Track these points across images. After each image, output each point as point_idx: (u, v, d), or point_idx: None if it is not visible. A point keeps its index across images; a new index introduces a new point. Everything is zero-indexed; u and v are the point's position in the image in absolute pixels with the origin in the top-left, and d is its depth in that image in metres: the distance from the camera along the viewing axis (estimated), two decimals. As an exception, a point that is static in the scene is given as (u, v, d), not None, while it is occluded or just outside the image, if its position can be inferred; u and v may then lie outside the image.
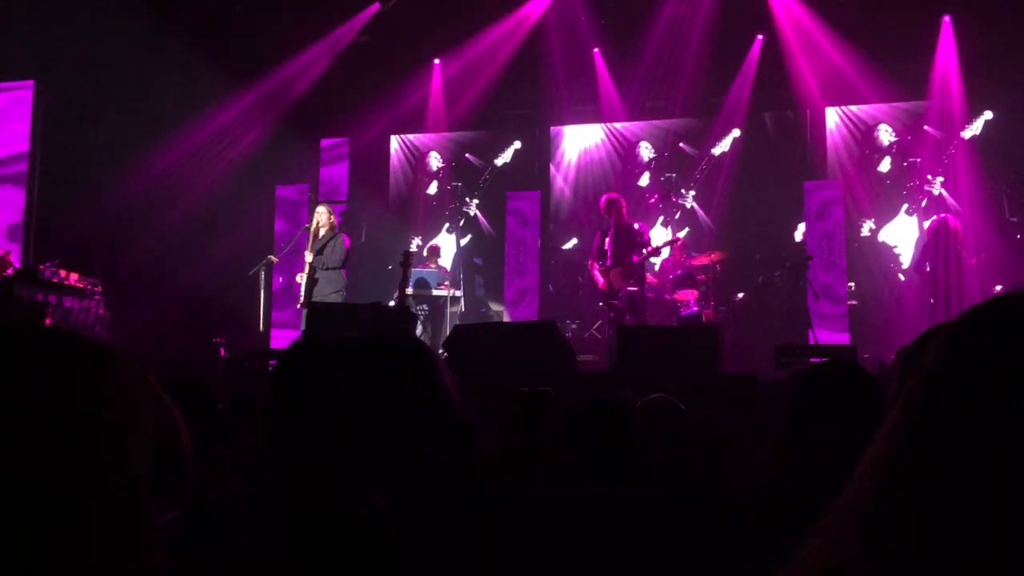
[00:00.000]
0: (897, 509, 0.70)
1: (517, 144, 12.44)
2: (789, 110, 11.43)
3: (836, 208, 10.76)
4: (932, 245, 9.54)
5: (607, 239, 8.94)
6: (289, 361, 1.18)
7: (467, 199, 12.61)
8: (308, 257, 8.95)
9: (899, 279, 10.78)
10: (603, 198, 9.23)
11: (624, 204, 9.13)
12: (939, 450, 0.70)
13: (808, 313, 9.69)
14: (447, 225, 12.44)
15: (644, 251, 8.93)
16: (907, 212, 10.78)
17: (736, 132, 11.34)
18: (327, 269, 8.98)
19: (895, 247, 10.90)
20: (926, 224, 10.42)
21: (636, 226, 9.04)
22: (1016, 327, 0.71)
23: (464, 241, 12.46)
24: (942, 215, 9.76)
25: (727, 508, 2.08)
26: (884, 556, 0.69)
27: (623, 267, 8.76)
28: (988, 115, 10.24)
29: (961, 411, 0.70)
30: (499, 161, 12.45)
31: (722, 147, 11.42)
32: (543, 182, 12.40)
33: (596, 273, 9.06)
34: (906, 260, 10.77)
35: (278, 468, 1.08)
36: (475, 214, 12.60)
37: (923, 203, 10.63)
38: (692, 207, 11.60)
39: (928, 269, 9.53)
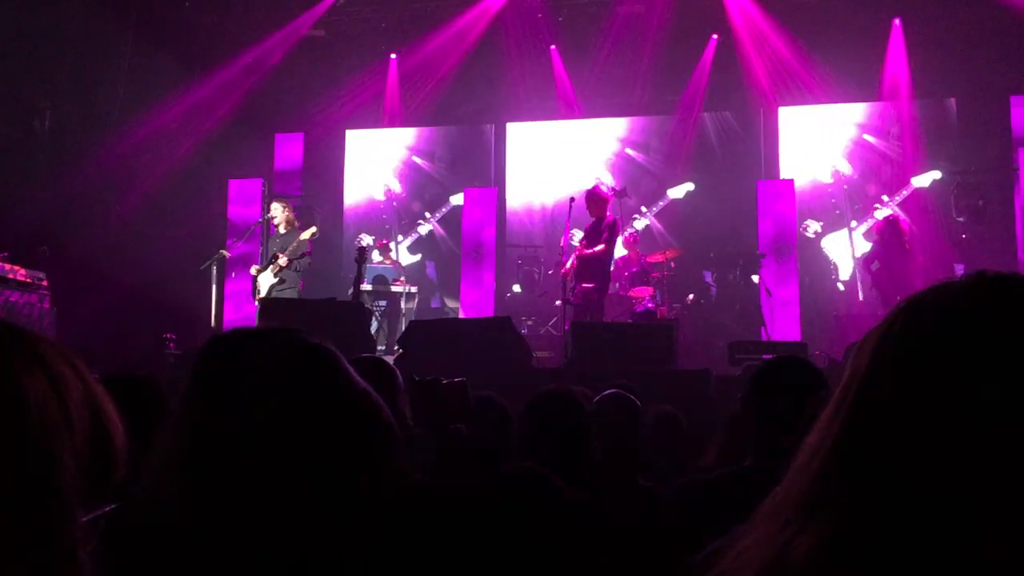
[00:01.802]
0: (830, 497, 0.70)
1: (460, 199, 12.24)
2: (743, 109, 11.55)
3: (789, 207, 10.91)
4: (880, 244, 9.71)
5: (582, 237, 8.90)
6: (201, 355, 1.16)
7: (420, 220, 12.51)
8: (282, 261, 8.95)
9: (838, 288, 11.00)
10: (586, 192, 9.13)
11: (608, 201, 8.90)
12: (868, 441, 0.70)
13: (761, 310, 9.82)
14: (399, 237, 12.30)
15: (593, 248, 8.64)
16: (851, 230, 10.97)
17: (691, 186, 11.30)
18: (294, 271, 9.06)
19: (835, 255, 11.12)
20: (865, 226, 10.70)
21: (607, 221, 8.72)
22: (935, 323, 0.72)
23: (415, 259, 12.33)
24: (891, 215, 9.94)
25: (679, 498, 2.09)
26: (818, 542, 0.69)
27: (580, 263, 8.73)
28: (937, 174, 10.41)
29: (889, 403, 0.70)
30: (454, 200, 12.29)
31: (676, 193, 11.39)
32: (499, 179, 12.40)
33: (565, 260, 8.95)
34: (843, 272, 11.01)
35: (188, 464, 1.06)
36: (427, 233, 12.50)
37: (867, 225, 10.84)
38: (648, 224, 11.60)
39: (875, 267, 9.70)
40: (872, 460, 0.69)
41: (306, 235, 9.12)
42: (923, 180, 10.48)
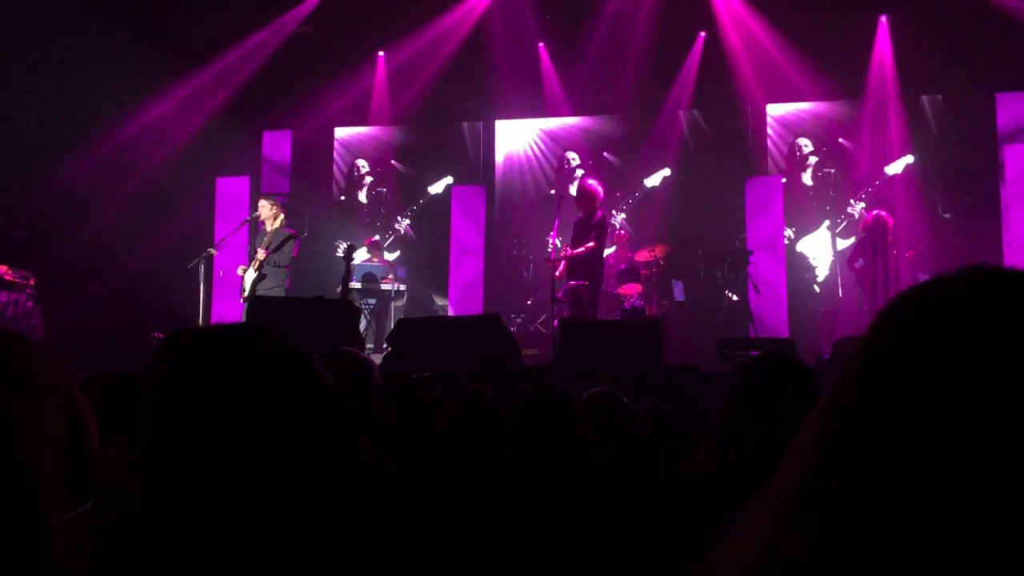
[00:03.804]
0: (821, 494, 0.70)
1: (449, 179, 12.25)
2: (731, 107, 11.56)
3: (776, 203, 10.95)
4: (865, 241, 9.75)
5: (571, 232, 8.91)
6: (160, 351, 1.16)
7: (398, 216, 12.49)
8: (260, 255, 8.90)
9: (814, 289, 11.08)
10: (578, 186, 9.10)
11: (598, 196, 8.86)
12: (861, 437, 0.70)
13: (749, 307, 9.84)
14: (378, 236, 12.24)
15: (578, 248, 8.71)
16: (828, 228, 11.05)
17: (667, 171, 11.34)
18: (275, 266, 8.97)
19: (812, 258, 11.19)
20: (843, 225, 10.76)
21: (596, 219, 8.72)
22: (930, 316, 0.72)
23: (393, 257, 12.28)
24: (877, 212, 9.97)
25: (668, 495, 2.10)
26: (810, 540, 0.69)
27: (569, 262, 8.74)
28: (910, 159, 10.51)
29: (882, 399, 0.70)
30: (432, 190, 12.31)
31: (652, 181, 11.42)
32: (488, 177, 12.39)
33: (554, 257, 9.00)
34: (820, 272, 11.10)
35: (147, 461, 1.06)
36: (404, 231, 12.50)
37: (843, 224, 10.92)
38: (622, 222, 11.58)
39: (859, 264, 9.75)
40: (865, 455, 0.69)
41: (277, 223, 9.06)
42: (896, 167, 10.56)
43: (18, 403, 0.75)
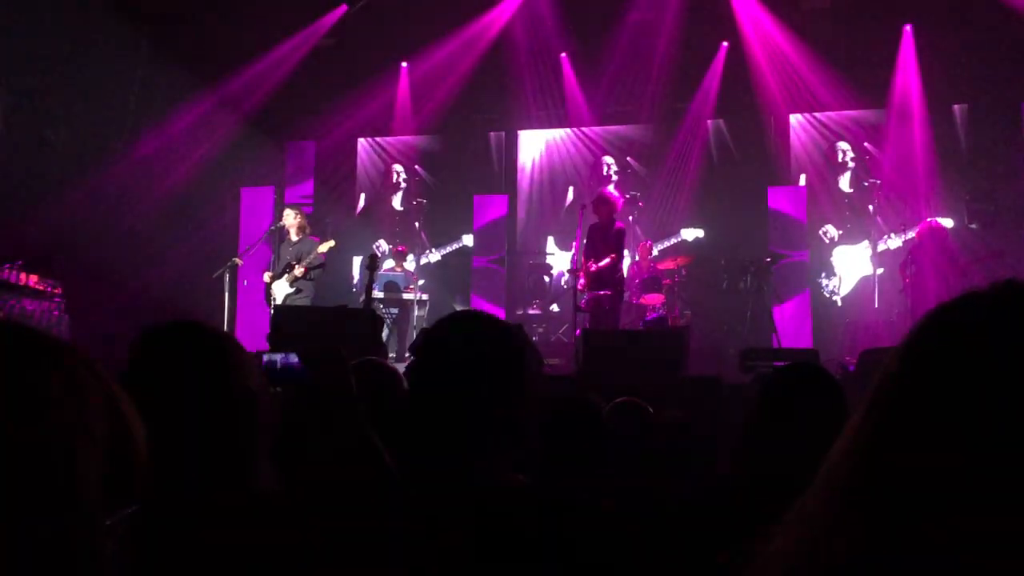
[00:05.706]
0: (862, 500, 0.70)
1: (471, 240, 12.19)
2: (753, 116, 11.52)
3: (799, 213, 10.89)
4: (920, 249, 9.39)
5: (584, 239, 8.90)
6: (132, 346, 1.22)
7: (432, 248, 12.44)
8: (299, 271, 9.02)
9: (836, 302, 10.97)
10: (597, 193, 9.11)
11: (616, 204, 8.84)
12: (899, 444, 0.70)
13: (771, 317, 9.77)
14: (411, 256, 12.18)
15: (600, 261, 8.62)
16: (867, 248, 10.86)
17: (700, 232, 11.20)
18: (309, 280, 9.13)
19: (841, 268, 11.08)
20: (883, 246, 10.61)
21: (615, 229, 8.70)
22: (965, 328, 0.72)
23: (421, 283, 12.27)
24: (931, 220, 9.63)
25: (693, 506, 2.09)
26: (849, 544, 0.69)
27: (590, 270, 8.72)
28: (949, 223, 10.16)
29: (920, 408, 0.70)
30: (466, 240, 12.18)
31: (687, 235, 11.26)
32: (510, 185, 12.40)
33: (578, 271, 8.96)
34: (845, 287, 11.02)
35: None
36: (433, 261, 12.46)
37: (882, 248, 10.74)
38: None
39: (911, 272, 9.37)
40: (904, 462, 0.69)
41: (324, 248, 9.17)
42: (946, 221, 10.15)
43: (63, 403, 0.76)
